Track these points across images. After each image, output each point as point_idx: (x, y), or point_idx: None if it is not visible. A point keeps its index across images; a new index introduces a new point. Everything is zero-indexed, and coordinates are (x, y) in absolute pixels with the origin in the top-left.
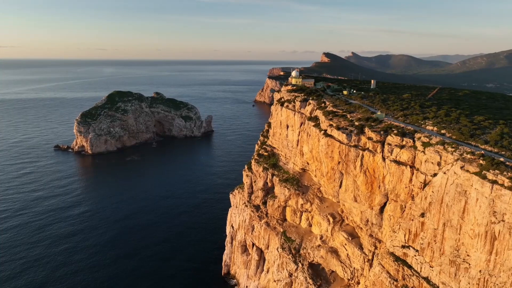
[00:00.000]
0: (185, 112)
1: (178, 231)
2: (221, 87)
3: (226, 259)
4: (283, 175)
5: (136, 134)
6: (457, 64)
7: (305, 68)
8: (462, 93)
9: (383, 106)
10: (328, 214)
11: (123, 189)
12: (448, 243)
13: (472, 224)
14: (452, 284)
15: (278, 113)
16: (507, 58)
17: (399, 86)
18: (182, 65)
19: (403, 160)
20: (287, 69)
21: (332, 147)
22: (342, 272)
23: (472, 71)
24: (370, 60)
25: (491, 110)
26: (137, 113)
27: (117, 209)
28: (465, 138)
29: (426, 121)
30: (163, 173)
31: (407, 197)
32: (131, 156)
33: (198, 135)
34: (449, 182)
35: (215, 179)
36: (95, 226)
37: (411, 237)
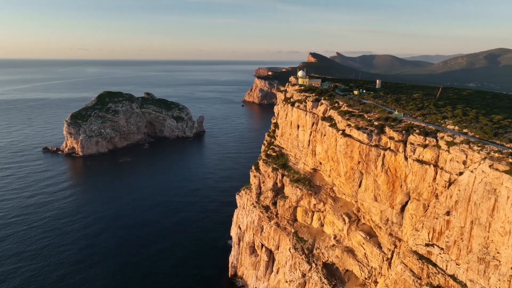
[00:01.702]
0: (176, 112)
1: (178, 233)
2: (209, 87)
3: (233, 260)
4: (293, 175)
5: (128, 135)
6: (439, 64)
7: (293, 68)
8: (466, 93)
9: (398, 105)
10: (343, 213)
11: (118, 192)
12: (476, 240)
13: (502, 222)
14: (480, 281)
15: (288, 113)
16: (486, 59)
17: (402, 86)
18: (167, 65)
19: (426, 160)
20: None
21: (351, 147)
22: (359, 272)
23: (453, 71)
24: (355, 60)
25: (503, 109)
26: (128, 114)
27: (114, 212)
28: (488, 137)
29: (446, 121)
30: (157, 174)
31: (430, 196)
32: (124, 157)
33: (190, 136)
34: (477, 180)
35: (210, 180)
36: (93, 230)
37: (436, 235)
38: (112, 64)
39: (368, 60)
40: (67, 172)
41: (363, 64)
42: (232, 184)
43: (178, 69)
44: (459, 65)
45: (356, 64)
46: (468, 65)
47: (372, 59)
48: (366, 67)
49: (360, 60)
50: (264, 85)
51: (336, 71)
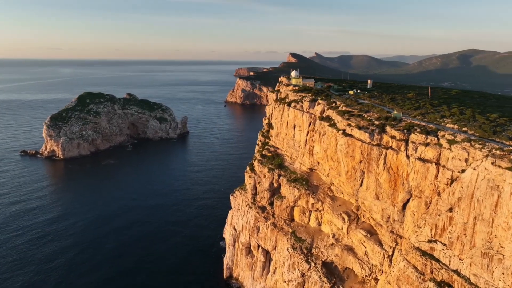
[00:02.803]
0: (159, 113)
1: (167, 236)
2: (190, 87)
3: (228, 262)
4: (290, 175)
5: (110, 137)
6: (414, 64)
7: (274, 68)
8: (454, 92)
9: (395, 105)
10: (342, 212)
11: (103, 195)
12: (480, 236)
13: (505, 217)
14: (484, 275)
15: (284, 113)
16: (459, 59)
17: (393, 86)
18: (144, 65)
19: (428, 158)
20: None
21: (353, 146)
22: (359, 269)
23: (428, 71)
24: (333, 60)
25: (494, 108)
26: (110, 115)
27: (101, 216)
28: (488, 135)
29: (445, 119)
30: (142, 176)
31: (432, 193)
32: (107, 160)
33: (174, 137)
34: (480, 177)
35: (197, 181)
36: (80, 237)
37: (438, 231)
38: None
39: (346, 60)
40: (48, 176)
41: (341, 64)
42: (219, 185)
43: (156, 69)
44: (434, 65)
45: (335, 64)
46: (442, 65)
47: (350, 59)
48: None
49: (339, 61)
50: (246, 85)
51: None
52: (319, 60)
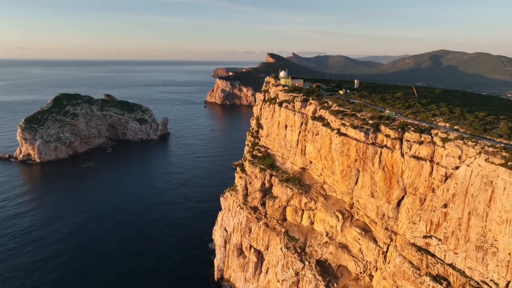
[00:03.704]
0: (139, 114)
1: (153, 240)
2: (167, 88)
3: (219, 263)
4: (282, 175)
5: (88, 139)
6: (388, 64)
7: (253, 68)
8: (438, 92)
9: (386, 104)
10: (336, 211)
11: (84, 199)
12: (474, 230)
13: (499, 212)
14: (479, 268)
15: (275, 113)
16: (431, 59)
17: (378, 86)
18: (119, 65)
19: (423, 156)
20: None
21: (348, 145)
22: (354, 266)
23: (402, 70)
24: (310, 60)
25: (478, 106)
26: (88, 117)
27: (84, 221)
28: (479, 133)
29: (436, 118)
30: (124, 179)
31: (427, 190)
32: (86, 163)
33: (154, 138)
34: (474, 174)
35: (181, 183)
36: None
37: (433, 227)
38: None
39: (322, 60)
40: (25, 181)
41: (318, 65)
42: (203, 185)
43: (131, 70)
44: (407, 65)
45: (312, 64)
46: (415, 65)
47: (327, 59)
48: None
49: (315, 61)
50: (225, 86)
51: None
52: (297, 60)
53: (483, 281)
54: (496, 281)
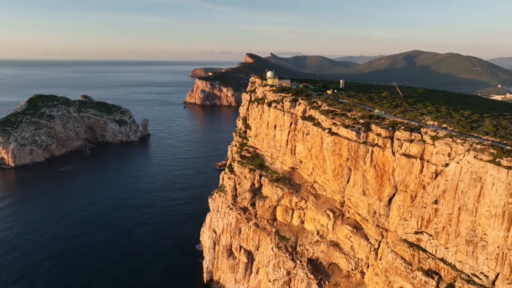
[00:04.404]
0: (118, 116)
1: (140, 244)
2: (145, 88)
3: (208, 265)
4: (272, 175)
5: (66, 142)
6: (364, 64)
7: (232, 68)
8: (420, 91)
9: (375, 104)
10: (327, 209)
11: (63, 204)
12: (464, 225)
13: (488, 206)
14: (469, 261)
15: (264, 113)
16: (405, 59)
17: (362, 85)
18: (94, 65)
19: (413, 154)
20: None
21: (339, 144)
22: (345, 264)
23: (378, 70)
24: (288, 60)
25: (462, 105)
26: (65, 119)
27: (65, 226)
28: (467, 131)
29: (424, 117)
30: (105, 182)
31: (417, 187)
32: (64, 166)
33: (135, 140)
34: (463, 170)
35: (163, 183)
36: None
37: (424, 223)
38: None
39: (300, 60)
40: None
41: (296, 65)
42: (187, 187)
43: (108, 70)
44: (382, 66)
45: (290, 65)
46: (390, 65)
47: (304, 59)
48: (299, 67)
49: (293, 61)
50: (205, 86)
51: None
52: (275, 61)
53: (474, 274)
54: (486, 273)
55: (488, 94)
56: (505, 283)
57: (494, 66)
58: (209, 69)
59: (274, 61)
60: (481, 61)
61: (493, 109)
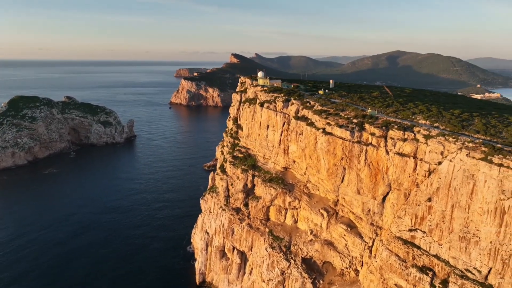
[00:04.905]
0: (103, 117)
1: (130, 248)
2: (129, 89)
3: (200, 267)
4: (265, 175)
5: (49, 144)
6: (348, 65)
7: (217, 69)
8: (408, 91)
9: (367, 104)
10: (320, 208)
11: (49, 208)
12: (457, 221)
13: (480, 203)
14: (462, 257)
15: (257, 113)
16: (388, 60)
17: (351, 85)
18: (75, 65)
19: (406, 152)
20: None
21: (334, 144)
22: (340, 262)
23: (361, 70)
24: (272, 60)
25: (450, 104)
26: (48, 121)
27: (52, 231)
28: (458, 129)
29: (416, 116)
30: (91, 184)
31: (411, 185)
32: (48, 169)
33: (120, 141)
34: (456, 168)
35: (150, 185)
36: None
37: (418, 220)
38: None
39: (285, 61)
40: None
41: (280, 65)
42: (175, 188)
43: (89, 70)
44: (366, 66)
45: (274, 65)
46: (373, 66)
47: (289, 60)
48: (283, 67)
49: (278, 61)
50: (191, 86)
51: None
52: (259, 61)
53: (467, 269)
54: (479, 268)
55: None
56: (498, 278)
57: (473, 66)
58: (194, 69)
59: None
60: (460, 61)
61: (481, 108)
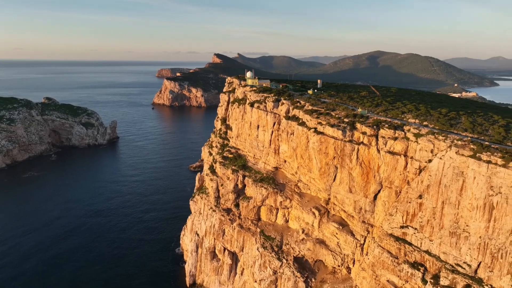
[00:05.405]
0: (85, 118)
1: (118, 251)
2: (110, 89)
3: (191, 269)
4: (256, 175)
5: (28, 146)
6: (330, 65)
7: (200, 69)
8: (394, 90)
9: (356, 103)
10: (312, 207)
11: (30, 212)
12: (447, 217)
13: (470, 199)
14: (453, 252)
15: (247, 114)
16: (368, 60)
17: (338, 85)
18: (54, 66)
19: (397, 151)
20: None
21: (326, 143)
22: (332, 260)
23: (343, 70)
24: (255, 61)
25: (435, 103)
26: (27, 123)
27: (36, 235)
28: (447, 128)
29: (406, 115)
30: (74, 187)
31: (402, 183)
32: (28, 172)
33: (103, 143)
34: (446, 165)
35: (135, 187)
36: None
37: (409, 217)
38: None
39: (267, 61)
40: None
41: (263, 65)
42: (160, 190)
43: (70, 71)
44: (347, 66)
45: (257, 65)
46: (355, 65)
47: (271, 60)
48: (266, 67)
49: (260, 61)
50: (174, 87)
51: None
52: (242, 61)
53: (457, 264)
54: (468, 262)
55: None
56: (487, 271)
57: (450, 66)
58: (176, 70)
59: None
60: (438, 61)
61: (465, 107)
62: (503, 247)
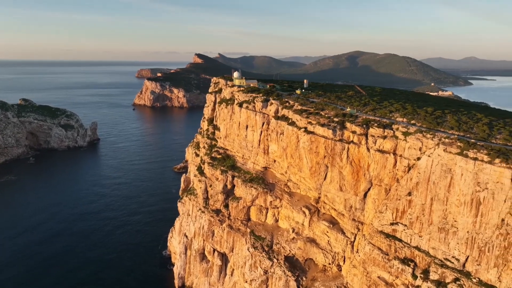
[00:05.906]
0: (64, 120)
1: (104, 256)
2: (89, 90)
3: (179, 271)
4: (245, 175)
5: (4, 149)
6: (311, 65)
7: (181, 69)
8: (378, 90)
9: (345, 103)
10: (302, 207)
11: (9, 218)
12: (436, 214)
13: (457, 195)
14: (441, 247)
15: (235, 114)
16: (348, 60)
17: (324, 85)
18: (27, 66)
19: (386, 149)
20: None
21: (316, 143)
22: (323, 258)
23: (323, 70)
24: (236, 61)
25: (419, 102)
26: (3, 125)
27: (16, 243)
28: (434, 126)
29: (393, 114)
30: (54, 192)
31: (391, 181)
32: (5, 176)
33: (83, 145)
34: (434, 163)
35: (118, 190)
36: None
37: (399, 214)
38: None
39: (248, 61)
40: None
41: (244, 65)
42: (144, 192)
43: (44, 71)
44: (327, 65)
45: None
46: (334, 65)
47: (252, 60)
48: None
49: (241, 61)
50: (155, 87)
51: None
52: (223, 61)
53: (446, 259)
54: (457, 257)
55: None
56: (475, 265)
57: (427, 66)
58: (156, 70)
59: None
60: (415, 61)
61: (449, 106)
62: (489, 241)
